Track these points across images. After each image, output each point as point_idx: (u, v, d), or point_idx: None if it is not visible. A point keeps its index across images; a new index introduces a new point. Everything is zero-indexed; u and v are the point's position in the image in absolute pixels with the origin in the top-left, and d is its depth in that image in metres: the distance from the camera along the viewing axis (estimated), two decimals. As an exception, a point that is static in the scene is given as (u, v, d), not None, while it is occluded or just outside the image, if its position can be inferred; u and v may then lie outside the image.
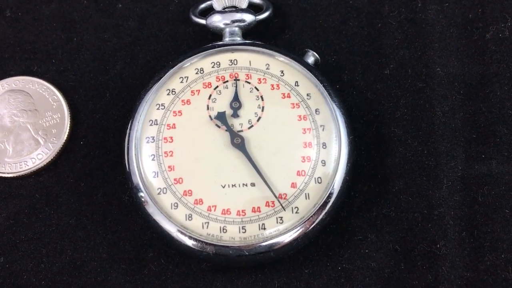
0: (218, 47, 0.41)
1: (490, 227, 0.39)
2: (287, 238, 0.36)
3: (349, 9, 0.45)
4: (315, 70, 0.40)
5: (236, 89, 0.40)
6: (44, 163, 0.41)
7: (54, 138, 0.42)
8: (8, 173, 0.41)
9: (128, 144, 0.38)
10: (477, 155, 0.41)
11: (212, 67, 0.40)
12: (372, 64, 0.44)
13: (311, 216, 0.37)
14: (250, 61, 0.41)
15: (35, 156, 0.41)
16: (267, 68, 0.40)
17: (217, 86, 0.40)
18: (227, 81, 0.40)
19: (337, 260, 0.39)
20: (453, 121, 0.42)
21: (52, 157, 0.41)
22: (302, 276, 0.39)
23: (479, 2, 0.45)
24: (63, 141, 0.42)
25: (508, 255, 0.38)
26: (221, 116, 0.38)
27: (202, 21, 0.43)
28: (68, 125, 0.42)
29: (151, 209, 0.37)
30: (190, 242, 0.36)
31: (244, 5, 0.43)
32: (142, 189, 0.37)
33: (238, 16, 0.43)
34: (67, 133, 0.42)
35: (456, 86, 0.43)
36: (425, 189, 0.40)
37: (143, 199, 0.37)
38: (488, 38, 0.44)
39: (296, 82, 0.40)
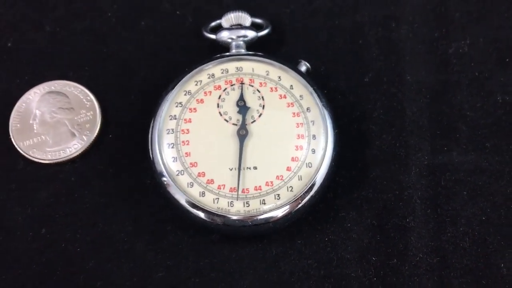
0: (226, 57, 0.46)
1: (450, 205, 0.45)
2: (283, 211, 0.42)
3: (335, 29, 0.51)
4: (307, 76, 0.46)
5: (241, 91, 0.45)
6: (79, 152, 0.47)
7: (88, 132, 0.47)
8: (48, 160, 0.46)
9: (152, 135, 0.44)
10: (440, 147, 0.46)
11: (222, 73, 0.46)
12: (354, 73, 0.49)
13: (303, 194, 0.42)
14: (253, 68, 0.46)
15: (71, 146, 0.47)
16: (267, 74, 0.46)
17: (225, 88, 0.45)
18: (234, 84, 0.46)
19: (324, 232, 0.44)
20: (421, 120, 0.47)
21: (85, 148, 0.47)
22: (295, 246, 0.44)
23: (443, 23, 0.51)
24: (95, 134, 0.47)
25: (465, 228, 0.44)
26: (244, 109, 0.44)
27: (212, 36, 0.49)
28: (99, 121, 0.48)
29: (171, 188, 0.43)
30: (203, 215, 0.42)
31: (247, 23, 0.49)
32: (164, 170, 0.43)
33: (242, 32, 0.48)
34: (98, 127, 0.48)
35: (423, 91, 0.48)
36: (397, 174, 0.46)
37: (164, 179, 0.43)
38: (450, 53, 0.50)
39: (291, 85, 0.45)
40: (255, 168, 0.43)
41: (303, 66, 0.47)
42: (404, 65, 0.49)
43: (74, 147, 0.47)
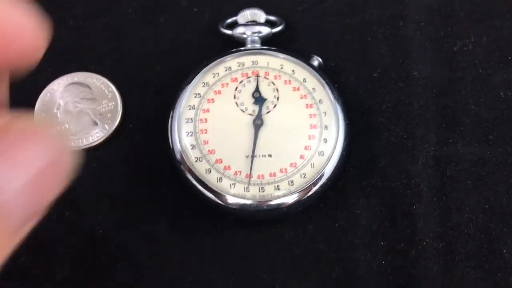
0: (242, 51, 0.49)
1: (455, 194, 0.46)
2: (296, 197, 0.44)
3: (346, 27, 0.53)
4: (319, 70, 0.48)
5: (257, 83, 0.47)
6: (100, 140, 0.49)
7: (109, 121, 0.49)
8: (71, 147, 0.49)
9: (171, 124, 0.46)
10: (445, 139, 0.48)
11: (238, 66, 0.48)
12: (363, 69, 0.51)
13: (315, 180, 0.44)
14: (268, 62, 0.48)
15: (94, 134, 0.49)
16: (281, 68, 0.48)
17: (242, 81, 0.47)
18: (250, 77, 0.48)
19: (335, 218, 0.46)
20: (427, 113, 0.49)
21: (106, 136, 0.49)
22: (307, 231, 0.46)
23: (449, 22, 0.53)
24: (116, 123, 0.49)
25: (469, 215, 0.46)
26: (261, 100, 0.46)
27: (229, 32, 0.51)
28: (120, 111, 0.50)
29: (189, 174, 0.45)
30: (220, 200, 0.44)
31: (262, 20, 0.51)
32: (183, 157, 0.45)
33: (257, 28, 0.50)
34: (119, 117, 0.50)
35: (429, 86, 0.50)
36: (405, 164, 0.47)
37: (183, 166, 0.45)
38: (455, 50, 0.52)
39: (304, 78, 0.47)
40: (270, 155, 0.45)
41: (315, 61, 0.49)
42: (411, 62, 0.52)
43: (96, 136, 0.49)
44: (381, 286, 0.45)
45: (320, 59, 0.50)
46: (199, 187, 0.45)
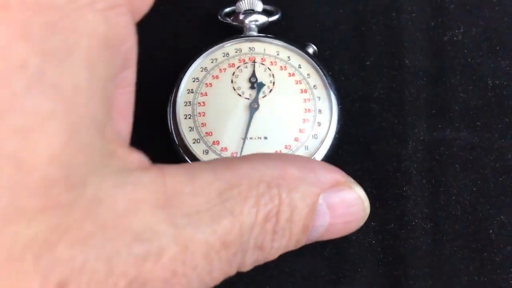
0: (240, 38, 0.50)
1: (444, 176, 0.48)
2: None
3: (341, 16, 0.55)
4: (314, 57, 0.50)
5: (253, 69, 0.49)
6: (103, 123, 0.51)
7: (111, 105, 0.52)
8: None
9: (170, 107, 0.48)
10: (435, 125, 0.50)
11: (235, 52, 0.50)
12: (357, 56, 0.53)
13: None
14: (264, 49, 0.50)
15: (96, 117, 0.51)
16: (277, 54, 0.50)
17: (239, 66, 0.49)
18: (246, 62, 0.49)
19: None
20: (418, 100, 0.51)
21: (109, 120, 0.51)
22: None
23: (439, 13, 0.55)
24: (118, 107, 0.52)
25: (457, 197, 0.48)
26: (260, 85, 0.48)
27: (227, 20, 0.53)
28: (122, 95, 0.52)
29: (188, 154, 0.46)
30: None
31: (259, 9, 0.53)
32: (181, 139, 0.47)
33: (254, 17, 0.52)
34: (121, 101, 0.52)
35: (420, 74, 0.52)
36: (395, 148, 0.50)
37: (180, 148, 0.47)
38: (445, 40, 0.54)
39: (299, 65, 0.49)
40: (265, 138, 0.47)
41: (310, 48, 0.51)
42: (403, 51, 0.53)
43: (98, 119, 0.51)
44: (372, 264, 0.47)
45: (315, 47, 0.51)
46: None
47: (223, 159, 0.37)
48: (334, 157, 0.49)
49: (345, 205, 0.38)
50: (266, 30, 0.53)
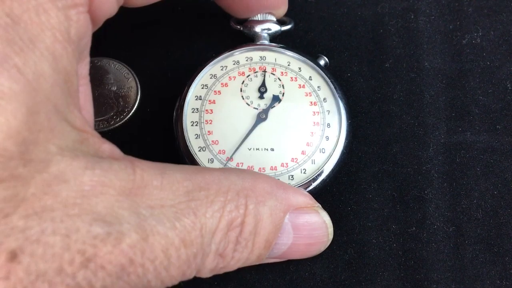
0: (251, 46, 0.49)
1: (465, 180, 0.48)
2: None
3: (358, 18, 0.55)
4: (325, 70, 0.49)
5: (264, 78, 0.48)
6: (119, 123, 0.50)
7: (127, 105, 0.51)
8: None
9: (177, 113, 0.47)
10: (455, 128, 0.50)
11: (246, 60, 0.49)
12: (375, 59, 0.53)
13: (315, 176, 0.45)
14: (275, 58, 0.49)
15: (112, 117, 0.50)
16: (288, 65, 0.49)
17: (249, 75, 0.48)
18: (257, 71, 0.48)
19: (347, 203, 0.48)
20: (437, 103, 0.51)
21: (125, 119, 0.50)
22: None
23: (457, 16, 0.55)
24: (134, 107, 0.51)
25: (478, 201, 0.47)
26: (276, 99, 0.47)
27: (239, 28, 0.52)
28: (138, 96, 0.51)
29: (193, 162, 0.45)
30: None
31: (272, 18, 0.51)
32: (187, 146, 0.45)
33: (266, 25, 0.51)
34: (137, 101, 0.51)
35: (439, 77, 0.52)
36: (416, 151, 0.49)
37: (185, 155, 0.45)
38: (464, 44, 0.53)
39: (310, 76, 0.48)
40: (272, 149, 0.46)
41: (322, 60, 0.50)
42: (422, 53, 0.53)
43: (114, 119, 0.51)
44: (393, 268, 0.46)
45: (326, 59, 0.50)
46: None
47: (197, 166, 0.38)
48: (353, 159, 0.49)
49: (310, 227, 0.40)
50: (283, 35, 0.52)
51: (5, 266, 0.27)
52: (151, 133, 0.51)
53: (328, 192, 0.48)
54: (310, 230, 0.40)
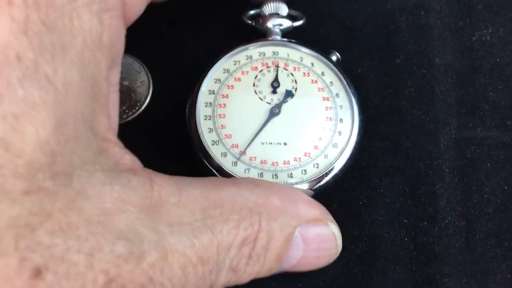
0: (264, 42, 0.49)
1: (476, 175, 0.48)
2: (308, 185, 0.45)
3: (369, 15, 0.55)
4: (337, 65, 0.49)
5: (276, 73, 0.48)
6: (132, 117, 0.50)
7: (139, 99, 0.51)
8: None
9: (190, 107, 0.47)
10: (466, 123, 0.50)
11: (259, 55, 0.49)
12: (386, 55, 0.53)
13: (327, 171, 0.45)
14: (288, 54, 0.49)
15: (125, 111, 0.50)
16: (301, 60, 0.49)
17: (261, 70, 0.48)
18: (269, 66, 0.48)
19: (359, 197, 0.48)
20: (448, 98, 0.51)
21: (137, 113, 0.50)
22: (331, 209, 0.45)
23: (468, 13, 0.55)
24: (146, 101, 0.51)
25: (489, 196, 0.48)
26: (289, 94, 0.47)
27: (251, 23, 0.52)
28: (150, 90, 0.51)
29: (206, 156, 0.45)
30: None
31: (284, 13, 0.52)
32: (200, 140, 0.45)
33: (279, 21, 0.51)
34: (149, 95, 0.51)
35: (450, 73, 0.52)
36: (427, 146, 0.49)
37: (199, 149, 0.46)
38: (474, 40, 0.54)
39: (323, 72, 0.48)
40: (285, 144, 0.46)
41: (334, 56, 0.50)
42: (433, 49, 0.53)
43: (127, 113, 0.51)
44: (404, 262, 0.46)
45: (338, 55, 0.51)
46: (215, 170, 0.45)
47: (212, 178, 0.38)
48: (364, 154, 0.49)
49: (319, 240, 0.40)
50: (294, 31, 0.52)
51: (29, 283, 0.27)
52: (163, 127, 0.51)
53: (340, 187, 0.48)
54: (320, 242, 0.41)
